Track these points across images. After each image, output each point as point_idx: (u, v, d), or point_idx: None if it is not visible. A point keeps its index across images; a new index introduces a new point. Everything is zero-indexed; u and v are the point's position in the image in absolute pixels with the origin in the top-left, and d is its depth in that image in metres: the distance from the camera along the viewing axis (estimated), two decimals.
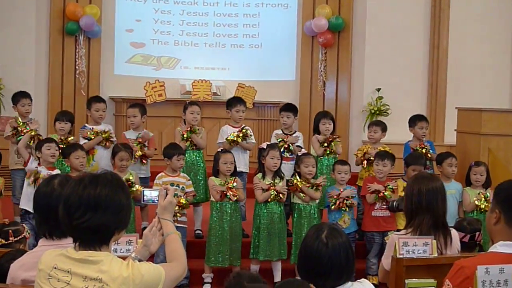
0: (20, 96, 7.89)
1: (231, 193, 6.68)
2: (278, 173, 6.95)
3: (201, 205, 7.56)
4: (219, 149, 7.21)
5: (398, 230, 5.60)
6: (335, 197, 6.94)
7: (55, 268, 2.73)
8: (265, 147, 6.96)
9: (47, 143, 6.86)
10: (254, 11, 11.86)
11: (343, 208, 6.93)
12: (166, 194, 3.25)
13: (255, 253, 6.84)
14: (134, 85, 10.66)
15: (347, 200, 6.93)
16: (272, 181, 6.84)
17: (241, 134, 7.49)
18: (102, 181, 2.77)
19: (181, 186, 6.86)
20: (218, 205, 6.77)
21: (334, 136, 7.70)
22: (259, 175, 6.94)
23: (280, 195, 6.77)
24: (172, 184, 6.78)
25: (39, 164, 6.81)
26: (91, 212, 2.69)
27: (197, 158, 7.56)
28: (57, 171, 6.70)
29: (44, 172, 6.62)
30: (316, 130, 7.80)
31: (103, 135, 7.51)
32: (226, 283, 2.98)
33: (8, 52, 10.36)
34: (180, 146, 7.24)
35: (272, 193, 6.74)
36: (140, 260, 2.93)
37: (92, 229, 2.71)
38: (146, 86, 8.58)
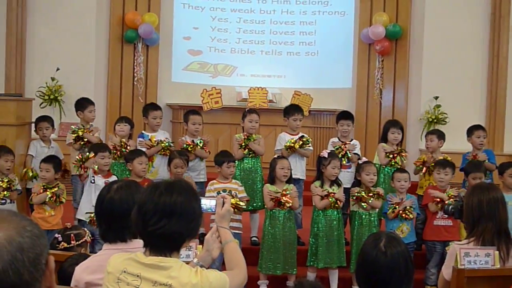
0: (87, 103, 8.03)
1: (285, 199, 6.67)
2: (336, 181, 6.93)
3: (258, 212, 7.57)
4: (275, 156, 7.22)
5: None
6: (394, 204, 6.87)
7: (124, 272, 2.75)
8: (326, 156, 6.95)
9: (100, 152, 6.95)
10: (310, 19, 11.85)
11: (402, 217, 6.85)
12: (223, 203, 3.27)
13: (313, 261, 6.82)
14: (191, 92, 10.75)
15: (407, 210, 6.85)
16: (331, 189, 6.82)
17: (300, 142, 7.49)
18: (178, 189, 2.80)
19: (233, 192, 6.89)
20: (271, 212, 6.78)
21: (402, 150, 7.61)
22: (317, 182, 6.92)
23: (338, 202, 6.75)
24: (224, 190, 6.85)
25: (94, 172, 6.91)
26: (166, 219, 2.71)
27: (254, 165, 7.59)
28: (113, 178, 6.79)
29: (100, 182, 6.70)
30: (384, 139, 7.74)
31: (162, 145, 7.58)
32: None
33: (69, 59, 10.53)
34: (231, 153, 7.28)
35: (331, 199, 6.72)
36: (202, 266, 2.95)
37: (166, 236, 2.73)
38: (203, 93, 8.63)
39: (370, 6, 11.42)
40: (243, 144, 7.50)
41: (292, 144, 7.46)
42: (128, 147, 7.45)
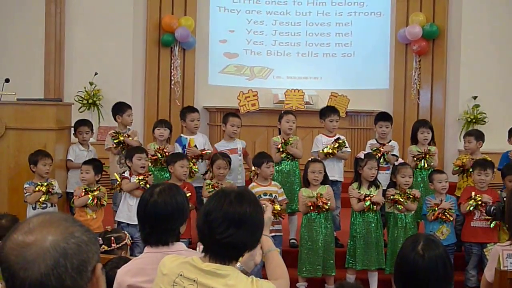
0: (125, 107, 8.11)
1: (321, 203, 6.65)
2: (374, 183, 6.89)
3: (296, 214, 7.57)
4: (310, 158, 7.21)
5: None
6: (434, 206, 6.81)
7: (181, 275, 2.75)
8: (362, 157, 6.92)
9: (138, 153, 7.00)
10: (346, 20, 11.82)
11: (442, 219, 6.79)
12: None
13: (351, 263, 6.80)
14: (227, 95, 10.80)
15: (446, 211, 6.78)
16: (369, 191, 6.79)
17: (336, 145, 7.47)
18: (247, 199, 2.80)
19: (273, 195, 6.90)
20: (307, 215, 6.78)
21: (428, 150, 7.55)
22: (355, 184, 6.90)
23: (376, 205, 6.72)
24: (264, 194, 6.85)
25: (130, 174, 6.97)
26: (234, 228, 2.71)
27: (292, 167, 7.59)
28: (151, 178, 6.85)
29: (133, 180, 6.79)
30: (414, 139, 7.69)
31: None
32: None
33: (107, 64, 10.65)
34: (268, 154, 7.29)
35: (367, 203, 6.69)
36: (243, 270, 2.95)
37: (231, 245, 2.72)
38: (240, 96, 8.66)
39: (407, 6, 11.35)
40: (280, 148, 7.50)
41: (330, 151, 7.44)
42: (166, 153, 7.48)
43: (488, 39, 10.75)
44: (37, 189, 6.95)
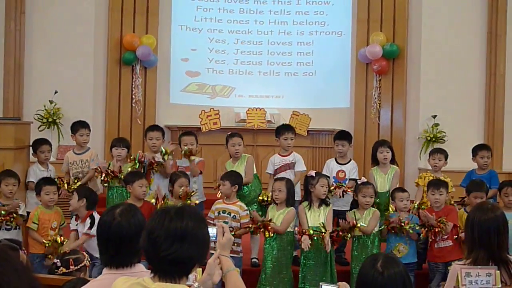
0: (79, 126, 8.00)
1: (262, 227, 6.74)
2: (324, 201, 6.91)
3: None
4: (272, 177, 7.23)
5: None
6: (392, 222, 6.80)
7: None
8: (314, 175, 6.95)
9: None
10: (308, 39, 11.90)
11: (394, 230, 6.78)
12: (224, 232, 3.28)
13: (303, 282, 6.79)
14: (189, 113, 10.78)
15: (403, 226, 6.76)
16: (318, 210, 6.83)
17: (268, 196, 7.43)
18: (187, 214, 2.80)
19: (232, 214, 6.87)
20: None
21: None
22: (305, 203, 6.93)
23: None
24: (224, 211, 6.83)
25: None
26: (178, 244, 2.71)
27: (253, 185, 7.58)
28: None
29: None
30: (374, 159, 7.73)
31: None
32: None
33: (67, 81, 10.56)
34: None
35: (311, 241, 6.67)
36: None
37: (178, 260, 2.72)
38: (201, 115, 8.64)
39: (367, 26, 11.48)
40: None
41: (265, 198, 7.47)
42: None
43: (447, 59, 10.91)
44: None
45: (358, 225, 6.63)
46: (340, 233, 6.66)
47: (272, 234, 6.70)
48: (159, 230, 2.74)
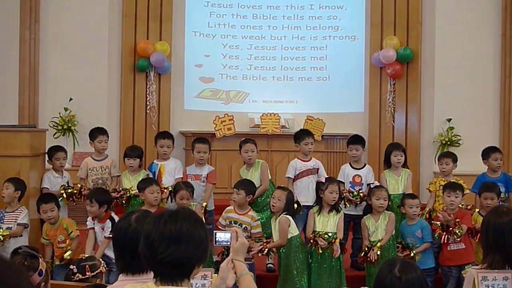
0: (97, 133, 8.06)
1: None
2: (335, 207, 6.90)
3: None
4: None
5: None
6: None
7: None
8: (323, 180, 6.95)
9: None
10: (321, 44, 11.90)
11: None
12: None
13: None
14: (203, 119, 10.80)
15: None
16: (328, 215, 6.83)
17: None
18: (181, 216, 2.81)
19: (243, 226, 6.87)
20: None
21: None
22: (315, 208, 6.94)
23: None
24: (235, 222, 6.82)
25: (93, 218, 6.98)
26: (174, 246, 2.72)
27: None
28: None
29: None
30: (387, 162, 7.72)
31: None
32: None
33: (82, 89, 10.60)
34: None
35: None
36: None
37: (175, 262, 2.73)
38: (215, 120, 8.65)
39: (381, 30, 11.46)
40: None
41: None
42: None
43: (461, 61, 10.87)
44: None
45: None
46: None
47: (275, 251, 6.76)
48: (154, 234, 2.76)
